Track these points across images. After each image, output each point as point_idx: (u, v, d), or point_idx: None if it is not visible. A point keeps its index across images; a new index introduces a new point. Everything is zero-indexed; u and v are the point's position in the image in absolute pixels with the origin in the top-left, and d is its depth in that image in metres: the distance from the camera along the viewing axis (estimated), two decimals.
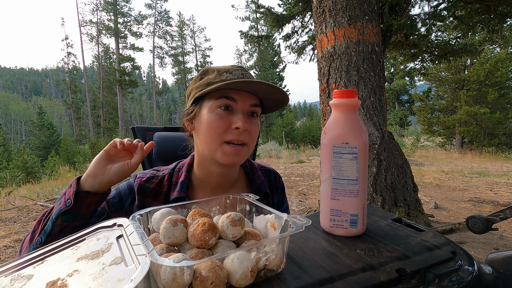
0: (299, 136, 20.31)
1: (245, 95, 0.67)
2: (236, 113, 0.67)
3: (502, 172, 7.25)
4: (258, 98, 0.71)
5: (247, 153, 0.70)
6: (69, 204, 0.57)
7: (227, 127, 0.66)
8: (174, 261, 0.30)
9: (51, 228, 0.57)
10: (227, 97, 0.66)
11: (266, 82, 0.64)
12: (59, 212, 0.57)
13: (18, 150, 12.79)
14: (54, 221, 0.57)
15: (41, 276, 0.32)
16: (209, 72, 0.71)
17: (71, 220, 0.58)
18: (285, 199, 0.91)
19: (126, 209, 0.71)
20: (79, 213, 0.58)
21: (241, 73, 0.69)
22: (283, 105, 0.74)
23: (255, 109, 0.70)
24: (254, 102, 0.69)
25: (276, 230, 0.44)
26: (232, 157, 0.67)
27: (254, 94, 0.69)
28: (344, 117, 0.53)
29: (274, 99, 0.71)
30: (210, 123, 0.66)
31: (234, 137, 0.65)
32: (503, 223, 3.45)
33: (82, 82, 42.17)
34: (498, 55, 12.46)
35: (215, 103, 0.66)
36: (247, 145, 0.68)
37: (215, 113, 0.66)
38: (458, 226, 1.46)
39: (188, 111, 0.73)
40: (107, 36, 28.68)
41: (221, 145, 0.67)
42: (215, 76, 0.68)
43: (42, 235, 0.57)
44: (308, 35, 6.30)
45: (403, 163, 3.06)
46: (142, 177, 0.74)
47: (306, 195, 4.95)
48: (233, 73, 0.68)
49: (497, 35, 5.23)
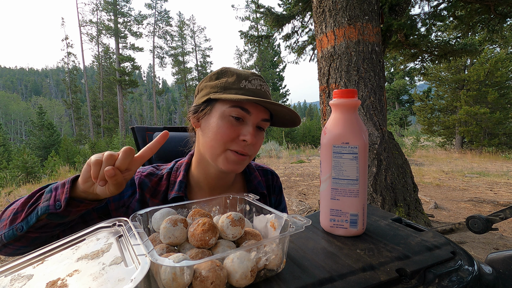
0: (299, 136, 20.32)
1: (259, 109, 0.67)
2: (246, 125, 0.66)
3: (502, 172, 7.25)
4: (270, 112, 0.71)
5: (247, 163, 0.71)
6: (58, 207, 0.52)
7: (234, 137, 0.65)
8: (174, 261, 0.30)
9: (35, 221, 0.53)
10: (242, 108, 0.65)
11: (285, 106, 0.64)
12: (46, 211, 0.52)
13: (18, 150, 12.79)
14: (38, 216, 0.53)
15: (41, 276, 0.32)
16: (227, 74, 0.69)
17: (56, 220, 0.54)
18: (282, 199, 0.91)
19: (125, 201, 0.69)
20: (67, 216, 0.54)
21: (260, 84, 0.69)
22: (294, 125, 0.74)
23: (265, 124, 0.70)
24: (265, 117, 0.69)
25: (276, 230, 0.44)
26: (234, 165, 0.67)
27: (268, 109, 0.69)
28: (344, 117, 0.53)
29: (287, 119, 0.71)
30: (218, 128, 0.65)
31: (239, 148, 0.66)
32: (503, 223, 3.45)
33: (82, 82, 42.17)
34: (498, 55, 12.46)
35: (228, 111, 0.65)
36: (249, 156, 0.69)
37: (226, 120, 0.65)
38: (458, 226, 1.46)
39: (197, 108, 0.70)
40: (107, 36, 28.69)
41: (224, 151, 0.67)
42: (234, 81, 0.67)
43: (24, 224, 0.53)
44: (308, 35, 6.30)
45: (403, 163, 3.06)
46: (142, 172, 0.74)
47: (306, 195, 4.96)
48: (252, 82, 0.67)
49: (497, 35, 5.23)
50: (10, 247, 0.57)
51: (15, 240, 0.55)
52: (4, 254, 0.59)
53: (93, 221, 0.66)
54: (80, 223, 0.64)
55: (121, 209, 0.69)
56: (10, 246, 0.56)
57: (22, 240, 0.56)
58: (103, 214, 0.67)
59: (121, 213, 0.69)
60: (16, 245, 0.56)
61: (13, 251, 0.58)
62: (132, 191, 0.71)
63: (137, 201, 0.70)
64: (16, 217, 0.55)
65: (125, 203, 0.69)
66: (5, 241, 0.55)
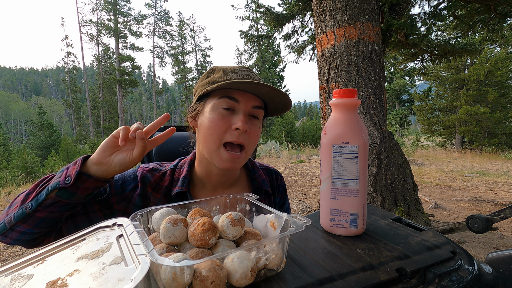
0: (299, 136, 20.33)
1: (248, 96, 0.67)
2: (237, 114, 0.67)
3: (502, 171, 7.25)
4: (262, 100, 0.71)
5: (244, 159, 0.70)
6: (68, 181, 0.55)
7: (227, 127, 0.66)
8: (174, 260, 0.30)
9: (44, 198, 0.55)
10: (229, 97, 0.66)
11: (269, 85, 0.63)
12: (56, 186, 0.55)
13: (18, 150, 12.79)
14: (48, 192, 0.56)
15: (41, 275, 0.32)
16: (215, 71, 0.72)
17: (65, 197, 0.56)
18: (286, 198, 0.92)
19: (126, 194, 0.70)
20: (75, 193, 0.57)
21: (247, 74, 0.70)
22: (286, 109, 0.74)
23: (257, 111, 0.70)
24: (256, 104, 0.69)
25: (276, 229, 0.44)
26: (228, 163, 0.67)
27: (258, 96, 0.69)
28: (344, 116, 0.53)
29: (278, 102, 0.71)
30: (211, 122, 0.66)
31: (234, 138, 0.66)
32: (503, 223, 3.45)
33: (82, 81, 42.17)
34: (498, 55, 12.47)
35: (218, 103, 0.67)
36: (244, 150, 0.69)
37: (217, 112, 0.66)
38: (458, 226, 1.47)
39: (192, 108, 0.74)
40: (107, 36, 28.68)
41: (219, 147, 0.67)
42: (221, 75, 0.69)
43: (34, 202, 0.56)
44: (308, 34, 6.30)
45: (403, 162, 3.06)
46: (145, 167, 0.75)
47: (306, 195, 4.96)
48: (238, 73, 0.69)
49: (497, 35, 5.23)
50: (16, 230, 0.58)
51: (22, 222, 0.57)
52: (9, 240, 0.60)
53: (95, 213, 0.66)
54: (82, 214, 0.65)
55: (123, 203, 0.69)
56: (17, 228, 0.57)
57: (28, 221, 0.57)
58: (105, 207, 0.68)
59: (122, 207, 0.69)
60: (22, 227, 0.57)
61: (18, 235, 0.59)
62: (134, 185, 0.71)
63: (139, 195, 0.70)
64: (27, 197, 0.58)
65: (126, 196, 0.70)
66: (13, 222, 0.57)
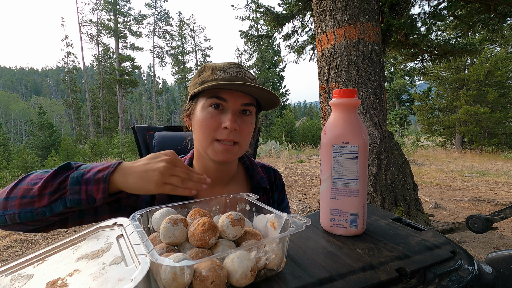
0: (299, 136, 20.31)
1: (236, 95, 0.68)
2: (226, 113, 0.68)
3: (502, 171, 7.25)
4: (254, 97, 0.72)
5: (239, 151, 0.71)
6: (92, 202, 0.53)
7: (217, 126, 0.67)
8: (174, 260, 0.30)
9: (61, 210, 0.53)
10: (217, 97, 0.67)
11: (254, 85, 0.64)
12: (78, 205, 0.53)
13: (18, 150, 12.79)
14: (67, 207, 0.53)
15: (41, 275, 0.32)
16: (205, 69, 0.73)
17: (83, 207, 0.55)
18: (285, 196, 0.93)
19: None
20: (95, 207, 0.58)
21: (235, 71, 0.70)
22: (275, 105, 0.76)
23: (248, 108, 0.70)
24: (246, 101, 0.69)
25: (276, 229, 0.44)
26: (222, 154, 0.68)
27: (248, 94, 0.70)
28: (344, 116, 0.53)
29: (267, 99, 0.72)
30: (201, 121, 0.68)
31: (224, 137, 0.67)
32: (503, 223, 3.45)
33: (82, 81, 42.13)
34: (498, 55, 12.46)
35: (207, 102, 0.68)
36: (238, 144, 0.70)
37: (207, 111, 0.68)
38: (458, 226, 1.47)
39: (186, 108, 0.76)
40: (107, 36, 28.67)
41: (212, 142, 0.68)
42: (210, 74, 0.70)
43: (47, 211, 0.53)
44: (308, 34, 6.30)
45: (403, 162, 3.06)
46: None
47: (306, 195, 4.96)
48: (227, 71, 0.69)
49: (497, 35, 5.23)
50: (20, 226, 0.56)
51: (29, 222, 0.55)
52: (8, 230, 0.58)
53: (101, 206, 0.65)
54: (91, 213, 0.64)
55: (132, 197, 0.70)
56: (21, 225, 0.55)
57: (37, 222, 0.55)
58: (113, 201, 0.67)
59: (132, 202, 0.70)
60: (27, 224, 0.55)
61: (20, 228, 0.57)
62: None
63: None
64: (33, 201, 0.53)
65: None
66: (18, 221, 0.54)
